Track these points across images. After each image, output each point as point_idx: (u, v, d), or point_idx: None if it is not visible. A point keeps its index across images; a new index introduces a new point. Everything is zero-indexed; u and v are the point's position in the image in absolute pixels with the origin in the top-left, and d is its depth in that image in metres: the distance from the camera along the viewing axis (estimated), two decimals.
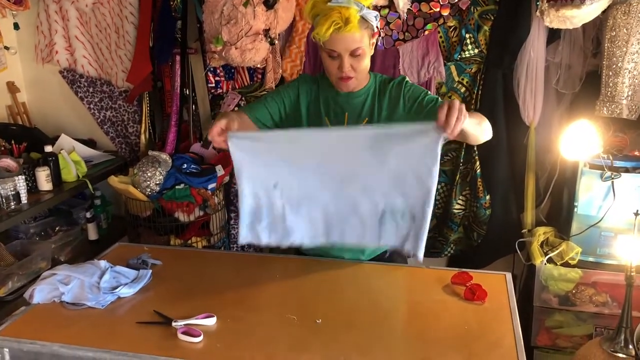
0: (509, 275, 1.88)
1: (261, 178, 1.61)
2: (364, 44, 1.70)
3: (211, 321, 1.59)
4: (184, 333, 1.52)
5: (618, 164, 2.27)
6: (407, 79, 1.86)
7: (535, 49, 2.40)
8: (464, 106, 1.47)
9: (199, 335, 1.51)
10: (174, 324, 1.57)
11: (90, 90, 2.97)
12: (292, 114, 1.87)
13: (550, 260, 2.39)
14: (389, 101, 1.82)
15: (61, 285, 1.72)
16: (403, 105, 1.81)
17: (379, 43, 2.58)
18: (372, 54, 1.78)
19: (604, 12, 2.19)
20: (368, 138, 1.55)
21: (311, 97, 1.86)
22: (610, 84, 2.24)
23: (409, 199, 1.58)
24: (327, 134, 1.68)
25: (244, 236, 1.69)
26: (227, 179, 2.75)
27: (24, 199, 2.38)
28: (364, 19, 1.67)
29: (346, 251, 1.95)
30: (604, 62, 2.24)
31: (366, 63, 1.75)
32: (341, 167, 1.59)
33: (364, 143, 1.55)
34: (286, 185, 1.61)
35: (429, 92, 1.83)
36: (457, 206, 2.72)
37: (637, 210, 2.07)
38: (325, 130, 1.74)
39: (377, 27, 1.73)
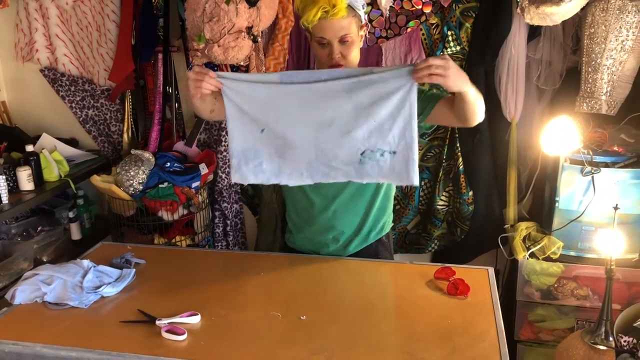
0: (491, 270, 1.90)
1: (249, 122, 1.66)
2: (352, 32, 1.71)
3: (195, 319, 1.59)
4: (168, 331, 1.52)
5: (598, 159, 2.30)
6: None
7: (516, 46, 2.43)
8: (451, 64, 1.49)
9: (183, 334, 1.51)
10: (157, 322, 1.56)
11: (72, 89, 2.94)
12: None
13: (532, 255, 2.42)
14: None
15: (43, 286, 1.70)
16: None
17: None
18: (361, 45, 1.80)
19: (583, 9, 2.21)
20: (347, 84, 1.59)
21: None
22: (590, 80, 2.27)
23: (386, 138, 1.63)
24: (311, 84, 1.65)
25: (233, 177, 1.72)
26: (211, 177, 2.75)
27: (4, 199, 2.36)
28: (351, 7, 1.69)
29: (332, 243, 1.96)
30: (583, 59, 2.27)
31: (355, 52, 1.77)
32: (321, 112, 1.63)
33: (342, 89, 1.60)
34: (272, 130, 1.66)
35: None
36: (441, 202, 2.74)
37: (617, 205, 2.11)
38: (308, 79, 1.67)
39: (364, 18, 1.76)
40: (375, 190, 1.91)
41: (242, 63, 2.61)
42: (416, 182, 1.66)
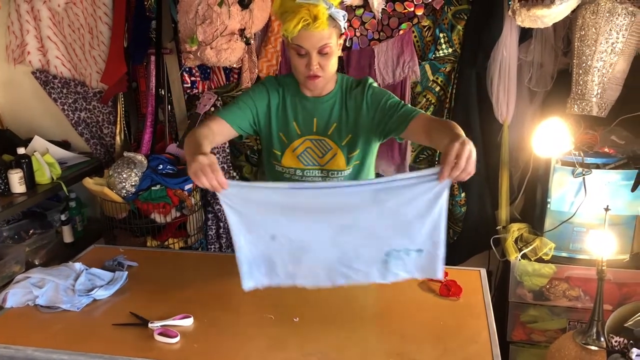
0: (483, 271, 1.91)
1: (258, 230, 1.53)
2: (331, 43, 1.68)
3: (188, 322, 1.59)
4: (160, 334, 1.52)
5: (589, 160, 2.32)
6: (371, 80, 1.86)
7: (507, 48, 2.44)
8: (473, 151, 1.38)
9: (175, 336, 1.51)
10: (150, 325, 1.56)
11: (64, 91, 2.93)
12: (264, 119, 1.84)
13: (524, 256, 2.43)
14: (355, 105, 1.82)
15: (35, 289, 1.70)
16: (367, 110, 1.80)
17: (354, 43, 2.59)
18: (339, 54, 1.78)
19: (573, 11, 2.23)
20: (369, 192, 1.49)
21: (279, 100, 1.84)
22: (581, 82, 2.28)
23: (415, 238, 1.54)
24: (327, 191, 1.54)
25: (247, 284, 1.58)
26: None
27: None
28: (332, 18, 1.66)
29: None
30: (574, 61, 2.29)
31: (333, 62, 1.74)
32: (342, 215, 1.52)
33: (365, 196, 1.49)
34: (285, 236, 1.53)
35: (392, 95, 1.82)
36: None
37: (607, 206, 2.12)
38: (324, 186, 1.65)
39: (344, 27, 1.73)
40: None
41: (234, 65, 2.61)
42: (440, 275, 1.59)
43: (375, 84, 1.86)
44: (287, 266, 1.56)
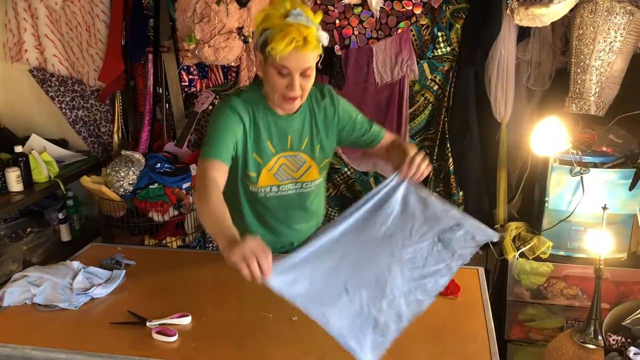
0: (481, 270, 1.91)
1: (328, 296, 1.35)
2: (313, 64, 1.64)
3: (186, 320, 1.58)
4: (158, 333, 1.51)
5: (587, 159, 2.32)
6: (333, 91, 1.84)
7: (506, 47, 2.44)
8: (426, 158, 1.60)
9: (173, 335, 1.50)
10: (148, 324, 1.56)
11: (62, 89, 2.92)
12: (241, 146, 1.75)
13: (522, 255, 2.44)
14: (325, 117, 1.81)
15: (33, 287, 1.69)
16: (337, 121, 1.82)
17: (352, 41, 2.59)
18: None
19: (571, 10, 2.23)
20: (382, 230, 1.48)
21: (251, 122, 1.76)
22: (579, 81, 2.29)
23: (440, 223, 1.57)
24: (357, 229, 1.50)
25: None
26: None
27: None
28: (317, 40, 1.61)
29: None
30: (572, 60, 2.29)
31: (312, 83, 1.70)
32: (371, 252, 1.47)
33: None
34: (352, 283, 1.38)
35: (360, 111, 1.87)
36: None
37: (605, 205, 2.13)
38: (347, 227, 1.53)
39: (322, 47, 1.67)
40: (324, 186, 2.02)
41: (232, 64, 2.61)
42: (492, 234, 1.61)
43: (336, 93, 1.86)
44: (372, 312, 1.36)
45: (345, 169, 2.76)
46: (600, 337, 2.08)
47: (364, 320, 1.33)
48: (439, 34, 2.52)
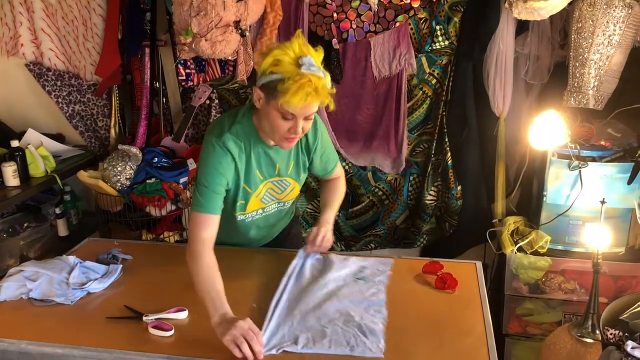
0: (479, 264, 1.90)
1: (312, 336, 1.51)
2: (317, 107, 1.62)
3: (182, 315, 1.58)
4: (154, 327, 1.51)
5: (585, 153, 2.32)
6: (318, 119, 1.83)
7: (504, 41, 2.43)
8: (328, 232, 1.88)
9: (170, 329, 1.50)
10: (144, 318, 1.55)
11: (58, 83, 2.90)
12: (232, 183, 1.75)
13: (520, 249, 2.43)
14: (306, 143, 1.84)
15: (29, 282, 1.69)
16: (315, 150, 1.85)
17: (350, 35, 2.58)
18: None
19: (570, 3, 2.22)
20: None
21: (245, 158, 1.75)
22: (577, 75, 2.28)
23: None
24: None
25: None
26: None
27: None
28: (327, 90, 1.59)
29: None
30: (571, 53, 2.28)
31: (312, 123, 1.72)
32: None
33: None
34: (324, 321, 1.57)
35: (328, 139, 1.93)
36: (429, 197, 2.74)
37: (603, 199, 2.12)
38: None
39: None
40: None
41: (229, 57, 2.59)
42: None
43: (320, 123, 1.87)
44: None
45: (343, 164, 2.76)
46: (598, 332, 2.08)
47: (350, 332, 1.51)
48: (437, 27, 2.51)
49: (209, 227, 1.67)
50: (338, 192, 2.02)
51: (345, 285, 1.74)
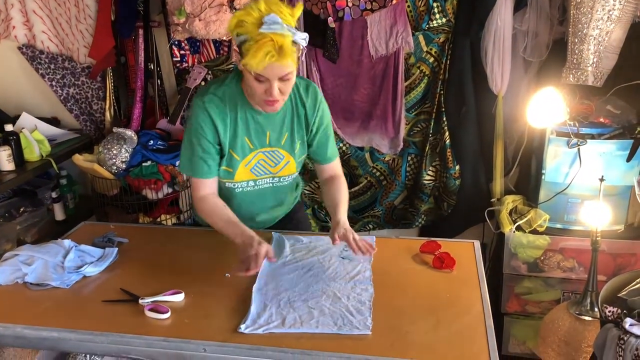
0: (477, 243, 1.89)
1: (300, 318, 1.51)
2: (293, 67, 1.58)
3: (179, 297, 1.57)
4: (151, 310, 1.51)
5: (584, 130, 2.30)
6: (319, 93, 1.82)
7: (502, 17, 2.39)
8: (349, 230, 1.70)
9: (166, 312, 1.50)
10: (140, 301, 1.55)
11: (52, 66, 2.87)
12: (218, 144, 1.76)
13: (519, 228, 2.42)
14: (305, 114, 1.80)
15: (24, 266, 1.68)
16: (312, 123, 1.82)
17: (346, 13, 2.54)
18: (296, 67, 1.65)
19: None
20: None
21: (228, 121, 1.73)
22: (576, 51, 2.25)
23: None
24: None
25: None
26: None
27: None
28: (294, 42, 1.55)
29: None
30: (570, 29, 2.24)
31: (292, 85, 1.66)
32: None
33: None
34: (311, 302, 1.58)
35: (330, 123, 1.89)
36: (427, 177, 2.73)
37: (602, 176, 2.11)
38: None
39: (303, 42, 1.60)
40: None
41: (224, 38, 2.56)
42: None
43: (324, 102, 1.85)
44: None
45: (340, 144, 2.74)
46: (596, 309, 2.08)
47: (337, 313, 1.51)
48: (434, 4, 2.47)
49: (202, 187, 1.78)
50: (343, 191, 1.90)
51: (330, 266, 1.74)
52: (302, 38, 1.57)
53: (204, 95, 1.72)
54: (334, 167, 1.94)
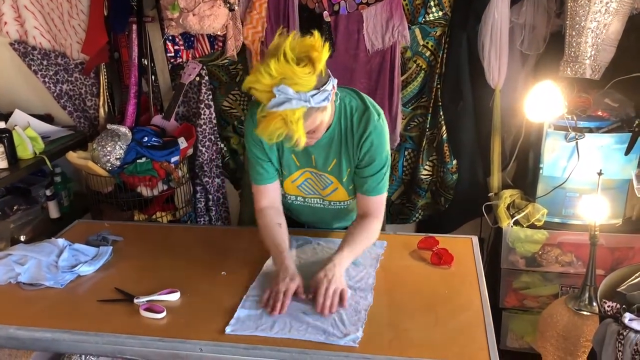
0: (475, 239, 1.88)
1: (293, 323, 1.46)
2: (320, 118, 1.49)
3: (175, 296, 1.56)
4: (146, 309, 1.49)
5: (582, 124, 2.28)
6: (374, 123, 1.64)
7: (499, 10, 2.37)
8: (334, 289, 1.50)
9: (162, 311, 1.48)
10: (136, 300, 1.53)
11: (44, 63, 2.84)
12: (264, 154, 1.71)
13: (516, 223, 2.41)
14: (353, 144, 1.67)
15: (17, 266, 1.66)
16: (359, 153, 1.67)
17: (342, 7, 2.51)
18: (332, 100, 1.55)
19: None
20: None
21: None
22: (574, 44, 2.23)
23: None
24: None
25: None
26: (190, 151, 2.69)
27: None
28: (313, 111, 1.44)
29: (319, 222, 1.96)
30: (567, 22, 2.22)
31: (325, 126, 1.57)
32: None
33: None
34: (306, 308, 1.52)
35: (383, 158, 1.68)
36: (424, 172, 2.71)
37: (600, 170, 2.09)
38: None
39: (331, 85, 1.49)
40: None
41: (218, 32, 2.53)
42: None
43: (378, 132, 1.65)
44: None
45: None
46: (595, 304, 2.08)
47: (328, 320, 1.45)
48: None
49: (259, 197, 1.75)
50: (366, 235, 1.68)
51: None
52: (323, 98, 1.44)
53: (253, 106, 1.62)
54: (371, 204, 1.72)
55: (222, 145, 2.87)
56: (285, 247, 1.64)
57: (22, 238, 2.53)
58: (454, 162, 2.65)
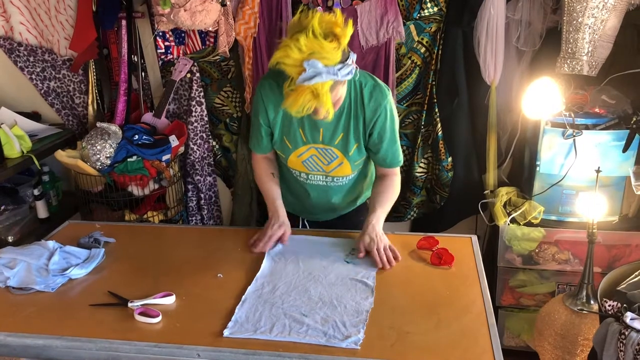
0: (474, 238, 1.86)
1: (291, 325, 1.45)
2: (342, 91, 1.61)
3: (170, 300, 1.52)
4: (141, 314, 1.45)
5: (579, 121, 2.27)
6: (385, 97, 1.72)
7: (495, 6, 2.34)
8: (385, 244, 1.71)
9: (157, 316, 1.44)
10: (130, 304, 1.49)
11: (31, 59, 2.78)
12: (271, 129, 1.80)
13: (513, 220, 2.39)
14: (363, 120, 1.73)
15: (6, 270, 1.61)
16: (371, 128, 1.74)
17: (335, 2, 2.48)
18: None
19: None
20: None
21: (280, 110, 1.72)
22: (571, 40, 2.21)
23: None
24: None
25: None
26: (182, 149, 2.64)
27: None
28: (338, 86, 1.55)
29: (324, 213, 2.01)
30: (564, 18, 2.21)
31: (342, 99, 1.66)
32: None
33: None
34: (304, 309, 1.51)
35: (396, 131, 1.80)
36: (420, 169, 2.69)
37: (598, 167, 2.08)
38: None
39: (351, 57, 1.55)
40: (369, 171, 1.96)
41: (210, 28, 2.49)
42: None
43: (390, 106, 1.74)
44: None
45: None
46: (592, 302, 2.07)
47: (329, 322, 1.43)
48: None
49: (258, 163, 1.90)
50: (392, 191, 1.84)
51: (333, 270, 1.66)
52: (348, 72, 1.52)
53: (265, 78, 1.77)
54: (390, 168, 1.87)
55: (214, 143, 2.83)
56: (277, 195, 1.85)
57: (10, 239, 2.47)
58: (449, 159, 2.62)
